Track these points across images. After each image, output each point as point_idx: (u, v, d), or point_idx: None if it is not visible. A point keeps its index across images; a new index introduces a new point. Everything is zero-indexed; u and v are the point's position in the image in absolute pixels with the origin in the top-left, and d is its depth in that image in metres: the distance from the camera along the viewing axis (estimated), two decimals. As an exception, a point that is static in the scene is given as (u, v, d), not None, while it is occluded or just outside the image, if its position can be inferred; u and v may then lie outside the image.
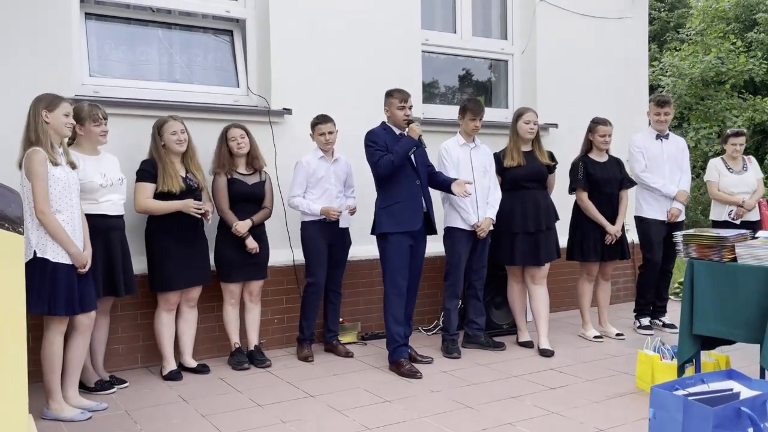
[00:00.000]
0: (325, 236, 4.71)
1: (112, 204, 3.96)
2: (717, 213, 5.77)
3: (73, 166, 3.62)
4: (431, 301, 5.57)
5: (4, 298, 2.32)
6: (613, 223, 5.15)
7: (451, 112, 5.72)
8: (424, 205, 4.47)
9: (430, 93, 6.22)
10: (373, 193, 4.58)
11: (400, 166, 4.32)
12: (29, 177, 3.43)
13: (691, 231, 3.75)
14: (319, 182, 4.69)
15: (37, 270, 3.43)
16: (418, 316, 4.88)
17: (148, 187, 4.16)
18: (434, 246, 5.05)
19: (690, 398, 2.51)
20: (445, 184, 4.61)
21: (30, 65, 4.19)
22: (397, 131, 4.45)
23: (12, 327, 2.34)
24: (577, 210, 5.27)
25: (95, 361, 4.08)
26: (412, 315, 4.64)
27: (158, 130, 4.23)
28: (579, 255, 5.23)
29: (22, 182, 3.45)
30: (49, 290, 3.44)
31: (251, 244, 4.45)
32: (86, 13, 4.66)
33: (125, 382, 4.14)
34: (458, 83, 6.51)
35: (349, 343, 5.07)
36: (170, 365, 4.29)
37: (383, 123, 4.50)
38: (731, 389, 2.73)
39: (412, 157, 4.41)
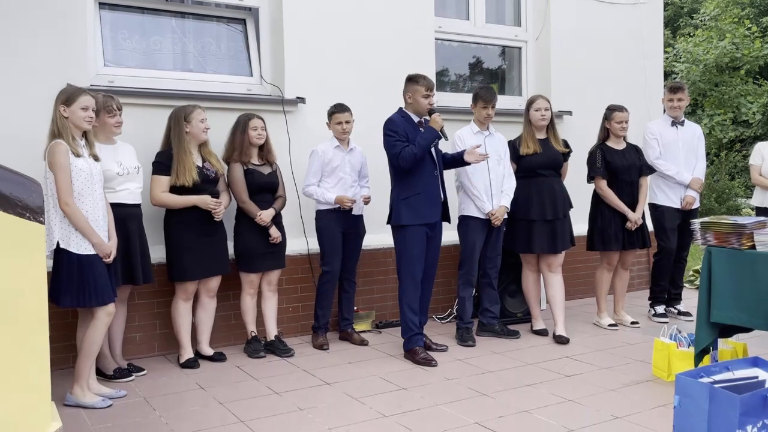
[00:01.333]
0: (339, 225, 4.71)
1: (129, 193, 3.99)
2: (759, 199, 5.65)
3: (96, 158, 3.65)
4: (445, 289, 5.58)
5: (26, 286, 2.34)
6: (633, 210, 5.12)
7: (464, 99, 5.70)
8: (441, 195, 4.46)
9: (443, 81, 6.20)
10: (386, 182, 4.57)
11: (421, 159, 4.29)
12: (52, 169, 3.46)
13: (708, 218, 3.72)
14: (334, 171, 4.69)
15: (65, 263, 3.48)
16: (431, 304, 4.88)
17: (164, 181, 4.17)
18: (448, 234, 5.04)
19: (716, 386, 2.50)
20: (457, 159, 4.57)
21: (45, 56, 4.21)
22: (416, 118, 4.41)
23: (34, 315, 2.37)
24: (597, 199, 5.23)
25: (113, 349, 4.12)
26: (428, 304, 4.65)
27: (185, 117, 4.21)
28: (600, 244, 5.20)
29: (46, 174, 3.48)
30: (77, 283, 3.49)
31: (275, 233, 4.47)
32: (100, 3, 4.66)
33: (143, 369, 4.19)
34: (471, 71, 6.48)
35: (364, 331, 5.09)
36: (187, 353, 4.32)
37: (401, 109, 4.45)
38: (756, 377, 2.71)
39: (432, 148, 4.38)
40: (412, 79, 4.39)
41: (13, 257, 2.27)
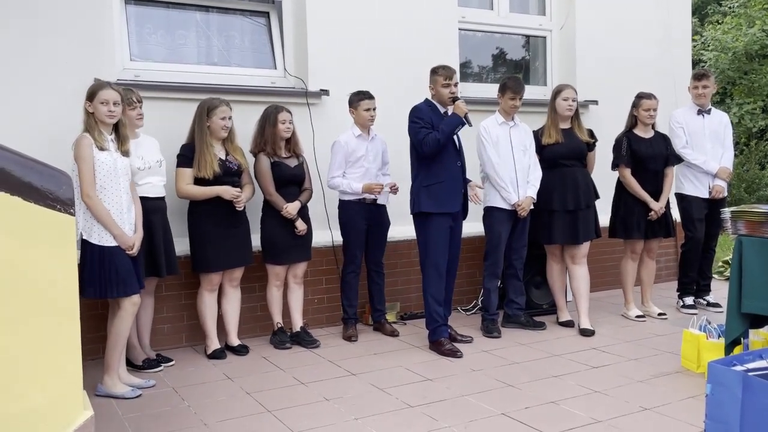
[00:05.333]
0: (363, 216, 4.71)
1: (152, 186, 4.03)
2: None
3: (126, 154, 3.69)
4: (470, 281, 5.56)
5: (57, 277, 2.38)
6: (657, 200, 5.05)
7: (488, 90, 5.67)
8: (463, 185, 4.44)
9: (467, 71, 6.16)
10: (410, 173, 4.55)
11: (445, 144, 4.27)
12: (76, 161, 3.53)
13: (739, 207, 3.65)
14: (358, 161, 4.68)
15: (87, 254, 3.54)
16: (456, 296, 4.88)
17: (187, 173, 4.20)
18: (473, 226, 5.03)
19: (750, 374, 2.46)
20: None
21: (73, 51, 4.26)
22: (442, 109, 4.39)
23: (65, 305, 2.41)
24: (620, 187, 5.18)
25: (142, 339, 4.18)
26: (452, 296, 4.63)
27: (208, 111, 4.23)
28: (622, 232, 5.15)
29: (72, 167, 3.54)
30: (98, 273, 3.54)
31: (301, 225, 4.48)
32: (126, -2, 4.72)
33: (171, 360, 4.24)
34: (496, 61, 6.43)
35: (389, 322, 5.08)
36: (214, 344, 4.36)
37: (427, 100, 4.44)
38: (791, 365, 2.66)
39: (455, 136, 4.37)
40: (432, 71, 4.41)
41: (44, 248, 2.30)
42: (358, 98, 4.67)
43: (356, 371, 4.04)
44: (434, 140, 4.22)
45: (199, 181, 4.20)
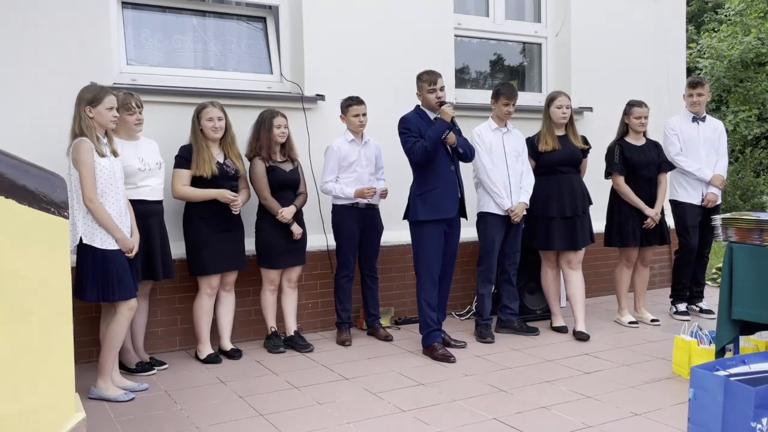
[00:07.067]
0: (356, 221, 4.73)
1: (151, 189, 4.04)
2: None
3: (115, 154, 3.70)
4: (464, 286, 5.58)
5: (51, 279, 2.39)
6: (651, 207, 5.08)
7: (485, 96, 5.69)
8: (459, 190, 4.46)
9: (463, 78, 6.19)
10: (404, 178, 4.58)
11: (433, 151, 4.27)
12: (76, 166, 3.53)
13: (730, 214, 3.68)
14: (351, 166, 4.71)
15: (89, 258, 3.54)
16: (450, 301, 4.89)
17: (184, 174, 4.23)
18: (467, 231, 5.05)
19: (731, 379, 2.49)
20: None
21: (70, 55, 4.28)
22: (431, 115, 4.42)
23: (58, 308, 2.42)
24: (614, 195, 5.20)
25: (136, 343, 4.18)
26: (447, 301, 4.65)
27: (198, 113, 4.29)
28: (618, 241, 5.16)
29: (70, 171, 3.55)
30: (101, 278, 3.55)
31: (297, 229, 4.49)
32: (123, 3, 4.73)
33: (165, 363, 4.24)
34: (492, 67, 6.46)
35: (383, 327, 5.09)
36: (207, 348, 4.37)
37: (417, 107, 4.48)
38: (772, 370, 2.69)
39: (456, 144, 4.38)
40: (417, 77, 4.43)
41: (38, 251, 2.31)
42: (347, 104, 4.70)
43: (350, 376, 4.05)
44: (421, 148, 4.24)
45: (196, 180, 4.23)
